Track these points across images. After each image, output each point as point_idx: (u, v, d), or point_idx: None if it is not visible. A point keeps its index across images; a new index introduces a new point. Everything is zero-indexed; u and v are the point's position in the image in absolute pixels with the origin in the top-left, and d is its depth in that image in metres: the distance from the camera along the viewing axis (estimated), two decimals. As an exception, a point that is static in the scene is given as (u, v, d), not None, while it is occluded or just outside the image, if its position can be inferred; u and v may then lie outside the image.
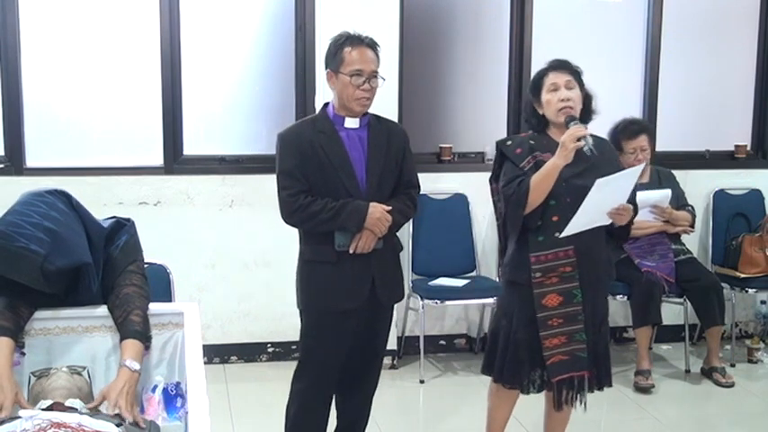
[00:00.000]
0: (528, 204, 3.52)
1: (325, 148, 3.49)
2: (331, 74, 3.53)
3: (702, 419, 4.89)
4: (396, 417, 4.88)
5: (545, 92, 3.64)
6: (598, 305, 3.71)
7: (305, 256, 3.63)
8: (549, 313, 3.59)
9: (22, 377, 2.94)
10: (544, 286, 3.59)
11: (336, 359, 3.63)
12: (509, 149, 3.67)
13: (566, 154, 3.47)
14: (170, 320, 3.12)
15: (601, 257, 3.69)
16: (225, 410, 4.72)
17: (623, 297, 5.37)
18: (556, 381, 3.64)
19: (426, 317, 5.39)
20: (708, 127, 6.23)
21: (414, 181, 3.72)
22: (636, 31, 6.01)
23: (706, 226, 6.05)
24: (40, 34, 5.23)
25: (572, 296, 3.59)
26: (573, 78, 3.66)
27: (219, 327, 5.45)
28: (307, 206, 3.47)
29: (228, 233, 5.39)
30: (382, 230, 3.51)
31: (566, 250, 3.57)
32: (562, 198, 3.54)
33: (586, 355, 3.63)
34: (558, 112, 3.58)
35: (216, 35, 5.44)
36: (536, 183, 3.51)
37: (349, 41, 3.51)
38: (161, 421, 2.87)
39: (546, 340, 3.60)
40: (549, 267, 3.58)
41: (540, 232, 3.59)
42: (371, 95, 3.53)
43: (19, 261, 2.76)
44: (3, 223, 2.80)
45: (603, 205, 3.53)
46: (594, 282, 3.65)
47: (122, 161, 5.36)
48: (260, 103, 5.51)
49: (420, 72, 5.75)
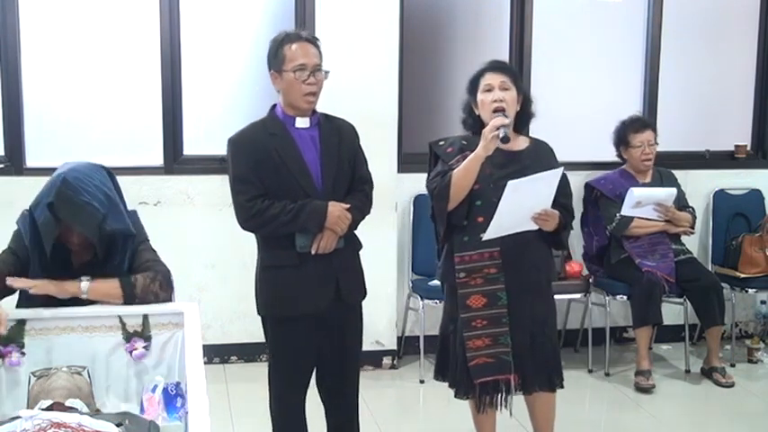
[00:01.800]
0: (450, 198, 3.53)
1: (279, 150, 3.45)
2: (275, 74, 3.50)
3: (702, 419, 4.89)
4: (396, 417, 4.88)
5: (480, 92, 3.68)
6: (538, 308, 3.69)
7: (264, 261, 3.57)
8: (472, 314, 3.60)
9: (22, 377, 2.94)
10: (468, 287, 3.60)
11: (306, 363, 3.60)
12: (440, 149, 3.73)
13: (485, 144, 3.49)
14: (170, 320, 3.12)
15: (532, 260, 3.66)
16: (225, 410, 4.72)
17: (623, 297, 5.37)
18: (478, 383, 3.63)
19: (426, 317, 5.39)
20: (708, 127, 6.24)
21: (367, 177, 3.67)
22: (636, 31, 6.01)
23: (706, 226, 6.05)
24: (40, 34, 5.23)
25: (497, 298, 3.60)
26: (509, 80, 3.66)
27: (219, 327, 5.45)
28: (265, 210, 3.42)
29: (228, 233, 5.35)
30: (343, 229, 3.47)
31: (491, 251, 3.58)
32: (489, 199, 3.54)
33: (511, 358, 3.61)
34: (492, 114, 3.59)
35: (216, 35, 5.44)
36: (458, 176, 3.53)
37: (288, 39, 3.48)
38: (161, 421, 2.87)
39: (469, 341, 3.60)
40: (474, 268, 3.59)
41: (465, 232, 3.60)
42: (317, 90, 3.49)
43: (82, 212, 3.00)
44: (69, 175, 3.04)
45: (524, 209, 3.52)
46: (524, 284, 3.63)
47: (122, 161, 5.34)
48: (260, 103, 5.49)
49: (420, 72, 5.75)
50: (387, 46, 5.34)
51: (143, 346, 3.10)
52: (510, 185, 3.42)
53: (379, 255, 5.26)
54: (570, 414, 3.95)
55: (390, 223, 5.39)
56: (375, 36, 5.30)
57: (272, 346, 3.63)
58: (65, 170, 3.08)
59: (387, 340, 5.51)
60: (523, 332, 3.64)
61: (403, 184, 5.50)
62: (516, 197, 3.44)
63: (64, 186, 2.99)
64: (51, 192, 3.00)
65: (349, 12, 5.23)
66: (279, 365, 3.62)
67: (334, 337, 3.59)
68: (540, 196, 3.54)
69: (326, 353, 3.60)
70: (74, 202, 2.98)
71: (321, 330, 3.55)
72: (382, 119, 5.29)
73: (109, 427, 2.54)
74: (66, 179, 3.01)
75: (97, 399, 2.97)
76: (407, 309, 5.63)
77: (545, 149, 3.79)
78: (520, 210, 3.50)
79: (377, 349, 5.43)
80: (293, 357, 3.58)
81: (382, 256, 5.37)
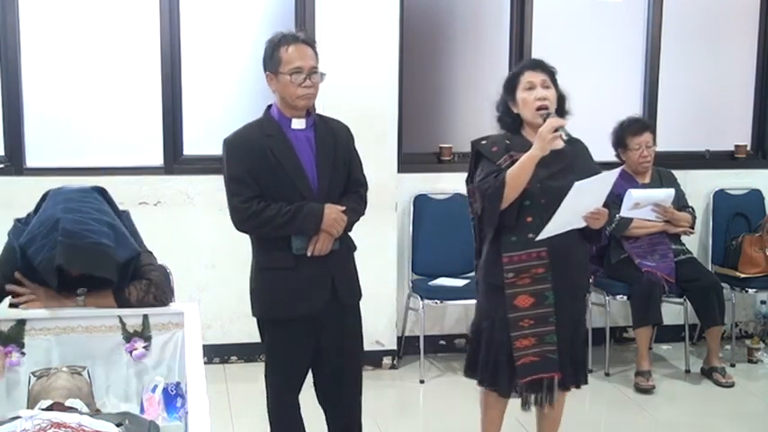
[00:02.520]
0: (504, 198, 3.51)
1: (275, 151, 3.44)
2: (271, 76, 3.49)
3: (702, 419, 4.89)
4: (396, 417, 4.88)
5: (520, 90, 3.64)
6: (575, 307, 3.71)
7: (260, 263, 3.57)
8: (520, 314, 3.59)
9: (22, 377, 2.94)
10: (516, 287, 3.59)
11: (301, 365, 3.60)
12: (485, 148, 3.68)
13: (542, 145, 3.46)
14: (170, 320, 3.13)
15: (576, 259, 3.68)
16: (225, 410, 4.72)
17: (623, 297, 5.37)
18: (525, 382, 3.63)
19: (426, 317, 5.39)
20: (708, 127, 6.23)
21: (361, 179, 3.67)
22: (636, 31, 6.01)
23: (706, 226, 6.05)
24: (40, 34, 5.22)
25: (544, 298, 3.59)
26: (548, 78, 3.65)
27: (219, 327, 5.44)
28: (260, 212, 3.42)
29: (228, 233, 5.29)
30: (339, 231, 3.47)
31: (539, 251, 3.57)
32: (537, 199, 3.54)
33: (557, 356, 3.62)
34: (536, 112, 3.57)
35: (216, 35, 5.44)
36: (512, 176, 3.50)
37: (285, 40, 3.46)
38: (161, 421, 2.87)
39: (516, 341, 3.60)
40: (522, 268, 3.57)
41: (513, 233, 3.58)
42: (313, 92, 3.48)
43: (95, 256, 2.88)
44: (67, 221, 2.88)
45: (580, 208, 3.52)
46: (569, 284, 3.64)
47: (122, 161, 5.36)
48: (259, 103, 5.48)
49: (420, 72, 5.74)
50: (387, 46, 5.34)
51: (143, 346, 3.10)
52: (576, 186, 3.41)
53: (378, 255, 5.27)
54: (570, 414, 3.95)
55: (390, 223, 5.39)
56: (375, 36, 5.30)
57: (268, 348, 3.63)
58: (59, 212, 2.91)
59: (387, 340, 5.51)
60: (567, 331, 3.66)
61: (403, 184, 5.50)
62: (577, 198, 3.45)
63: (67, 238, 2.84)
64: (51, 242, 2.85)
65: (349, 12, 5.23)
66: (274, 367, 3.62)
67: (332, 339, 3.58)
68: (596, 195, 3.56)
69: (324, 355, 3.60)
70: (82, 250, 2.86)
71: (317, 332, 3.55)
72: (382, 119, 5.29)
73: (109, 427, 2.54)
74: (66, 228, 2.86)
75: (97, 399, 2.98)
76: (407, 309, 5.63)
77: (581, 147, 3.79)
78: (577, 209, 3.52)
79: (377, 349, 5.43)
80: (289, 359, 3.58)
81: (382, 256, 5.37)
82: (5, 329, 2.97)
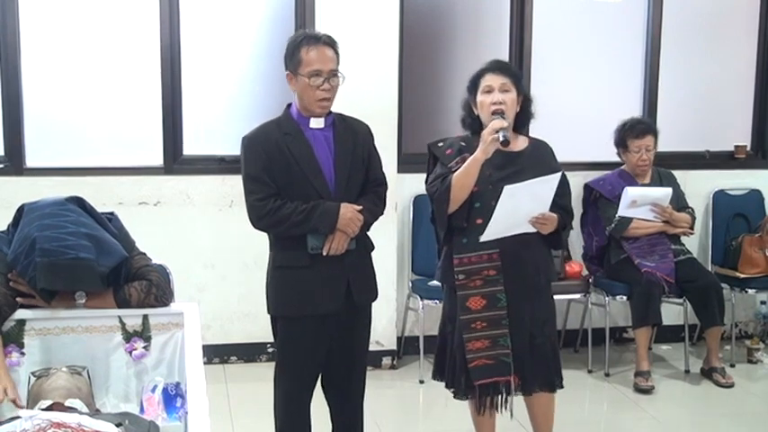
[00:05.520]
0: (451, 201, 3.53)
1: (293, 150, 3.44)
2: (290, 75, 3.48)
3: (702, 420, 4.89)
4: (395, 417, 4.88)
5: (480, 93, 3.66)
6: (537, 309, 3.69)
7: (276, 261, 3.57)
8: (472, 316, 3.59)
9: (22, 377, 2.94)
10: (467, 288, 3.60)
11: (313, 365, 3.60)
12: (440, 150, 3.72)
13: (484, 147, 3.48)
14: (170, 321, 3.13)
15: (532, 262, 3.66)
16: (224, 411, 4.72)
17: (623, 297, 5.37)
18: (478, 384, 3.63)
19: (426, 317, 5.39)
20: (708, 127, 6.23)
21: (381, 178, 3.68)
22: (636, 31, 6.01)
23: (706, 226, 6.05)
24: (40, 35, 5.22)
25: (496, 300, 3.59)
26: (510, 81, 3.65)
27: (219, 327, 5.45)
28: (277, 210, 3.42)
29: (228, 233, 5.38)
30: (355, 231, 3.47)
31: (490, 253, 3.57)
32: (487, 201, 3.54)
33: (511, 360, 3.61)
34: (491, 116, 3.58)
35: (216, 35, 5.44)
36: (458, 179, 3.52)
37: (306, 41, 3.45)
38: (161, 421, 2.87)
39: (469, 343, 3.60)
40: (473, 270, 3.58)
41: (464, 234, 3.60)
42: (332, 95, 3.48)
43: (76, 272, 2.85)
44: (42, 240, 2.84)
45: (522, 212, 3.51)
46: (524, 286, 3.63)
47: (122, 161, 5.36)
48: (260, 103, 5.51)
49: (420, 72, 5.75)
50: (387, 46, 5.34)
51: (143, 346, 3.10)
52: (506, 190, 3.42)
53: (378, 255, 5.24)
54: (570, 414, 3.95)
55: (390, 223, 5.39)
56: (375, 36, 5.30)
57: (281, 346, 3.62)
58: (35, 231, 2.86)
59: (386, 340, 5.51)
60: (523, 333, 3.63)
61: (403, 184, 5.51)
62: (513, 201, 3.44)
63: (44, 258, 2.81)
64: (25, 259, 2.83)
65: (349, 12, 5.23)
66: (287, 365, 3.61)
67: (343, 339, 3.59)
68: (538, 200, 3.54)
69: (335, 354, 3.61)
70: (61, 267, 2.83)
71: (330, 331, 3.55)
72: (382, 119, 5.28)
73: (109, 428, 2.54)
74: (43, 248, 2.82)
75: (97, 399, 2.98)
76: (407, 309, 5.63)
77: (545, 150, 3.78)
78: (517, 213, 3.50)
79: (377, 349, 5.43)
80: (302, 357, 3.57)
81: (382, 256, 5.33)
82: (5, 329, 2.97)
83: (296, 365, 3.59)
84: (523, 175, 3.53)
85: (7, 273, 3.00)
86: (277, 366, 3.65)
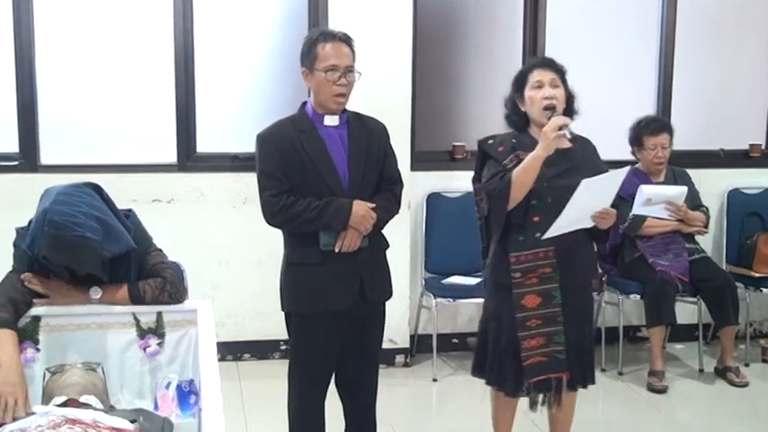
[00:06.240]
0: (510, 199, 3.50)
1: (306, 147, 3.45)
2: (306, 72, 3.50)
3: (716, 419, 4.87)
4: (408, 415, 4.88)
5: (529, 89, 3.63)
6: (581, 306, 3.69)
7: (289, 258, 3.59)
8: (527, 314, 3.58)
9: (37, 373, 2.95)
10: (523, 287, 3.58)
11: (326, 362, 3.60)
12: (491, 147, 3.67)
13: (547, 144, 3.45)
14: (184, 318, 3.14)
15: (582, 259, 3.67)
16: (238, 407, 4.73)
17: (637, 296, 5.36)
18: (532, 382, 3.63)
19: (439, 315, 5.39)
20: (722, 125, 6.20)
21: (396, 176, 3.68)
22: (650, 29, 5.99)
23: (720, 225, 6.02)
24: (54, 32, 5.24)
25: (551, 297, 3.58)
26: (558, 77, 3.63)
27: (233, 324, 5.45)
28: (290, 206, 3.43)
29: (242, 231, 5.39)
30: (367, 228, 3.47)
31: (546, 251, 3.56)
32: (543, 198, 3.53)
33: (565, 356, 3.61)
34: (542, 111, 3.56)
35: (229, 33, 5.45)
36: (518, 176, 3.49)
37: (322, 37, 3.47)
38: (175, 418, 2.88)
39: (524, 341, 3.59)
40: (529, 268, 3.57)
41: (520, 232, 3.58)
42: (348, 91, 3.49)
43: (79, 249, 2.85)
44: (54, 213, 2.85)
45: (587, 207, 3.51)
46: (576, 283, 3.63)
47: (136, 158, 5.37)
48: (273, 101, 5.51)
49: (433, 70, 5.74)
50: (400, 43, 5.33)
51: (157, 343, 3.11)
52: (583, 184, 3.41)
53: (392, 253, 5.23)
54: (583, 413, 3.94)
55: (403, 221, 5.37)
56: (388, 34, 5.30)
57: (295, 343, 3.62)
58: (48, 205, 2.89)
59: (400, 338, 5.51)
60: (574, 330, 3.65)
61: (416, 183, 5.50)
62: (585, 196, 3.44)
63: (52, 229, 2.82)
64: (40, 235, 2.85)
65: (362, 10, 5.22)
66: (300, 362, 3.62)
67: (356, 336, 3.60)
68: (604, 194, 3.56)
69: (348, 351, 3.61)
70: (66, 242, 2.83)
71: (343, 329, 3.55)
72: (395, 117, 5.26)
73: (123, 424, 2.55)
74: (53, 219, 2.83)
75: (111, 395, 2.98)
76: (420, 307, 5.63)
77: (589, 146, 3.78)
78: (584, 208, 3.50)
79: (390, 347, 5.42)
80: (314, 355, 3.58)
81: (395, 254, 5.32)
82: (21, 325, 2.98)
83: (309, 362, 3.59)
84: (577, 171, 3.53)
85: (25, 271, 3.02)
86: (290, 364, 3.66)
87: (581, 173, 3.51)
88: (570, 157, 3.58)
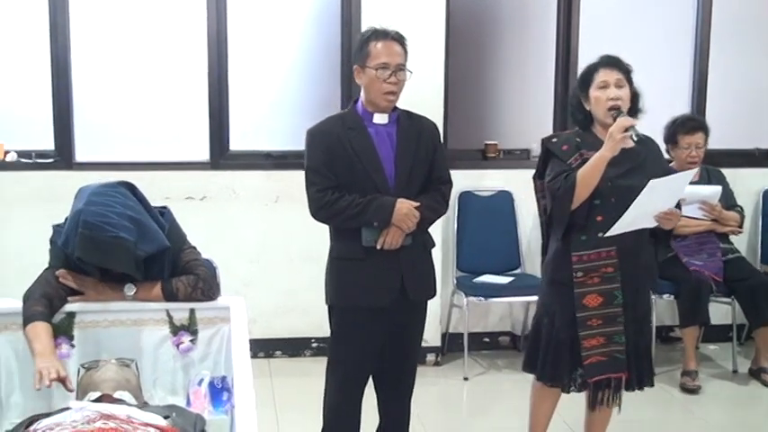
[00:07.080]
0: (575, 199, 3.49)
1: (354, 145, 3.47)
2: (358, 69, 3.51)
3: (749, 421, 4.84)
4: (439, 414, 4.88)
5: (594, 88, 3.60)
6: (640, 306, 3.67)
7: (334, 252, 3.61)
8: (588, 313, 3.57)
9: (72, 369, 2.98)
10: (585, 286, 3.57)
11: (365, 358, 3.61)
12: (555, 146, 3.64)
13: (613, 145, 3.43)
14: (216, 315, 3.16)
15: (643, 259, 3.66)
16: (270, 405, 4.75)
17: (670, 296, 5.32)
18: (592, 381, 3.62)
19: (470, 314, 5.38)
20: (757, 125, 6.15)
21: (445, 177, 3.68)
22: (685, 27, 5.95)
23: (755, 225, 5.97)
24: (89, 32, 5.28)
25: (613, 297, 3.57)
26: (623, 77, 3.61)
27: (264, 321, 5.47)
28: (334, 202, 3.45)
29: (274, 228, 5.41)
30: (410, 226, 3.47)
31: (608, 251, 3.54)
32: (607, 198, 3.51)
33: (625, 356, 3.60)
34: (607, 112, 3.54)
35: (262, 31, 5.47)
36: (582, 176, 3.47)
37: (375, 36, 3.49)
38: (207, 414, 2.90)
39: (584, 340, 3.58)
40: (591, 267, 3.55)
41: (583, 231, 3.56)
42: (398, 89, 3.50)
43: (113, 250, 2.88)
44: (88, 214, 2.88)
45: (652, 207, 3.49)
46: (636, 283, 3.62)
47: (169, 156, 5.40)
48: (306, 99, 5.53)
49: (465, 68, 5.73)
50: (432, 43, 5.33)
51: (189, 339, 3.14)
52: (651, 184, 3.39)
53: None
54: (615, 414, 3.92)
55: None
56: (421, 33, 5.27)
57: (336, 336, 3.64)
58: (82, 205, 2.93)
59: (431, 337, 5.50)
60: (634, 331, 3.63)
61: (448, 181, 5.49)
62: (651, 196, 3.42)
63: (86, 230, 2.86)
64: (74, 236, 2.89)
65: (395, 9, 5.22)
66: (339, 357, 3.64)
67: (396, 335, 3.61)
68: (670, 195, 3.54)
69: (388, 350, 3.62)
70: (100, 242, 2.87)
71: (384, 327, 3.56)
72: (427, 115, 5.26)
73: (157, 420, 2.57)
74: (87, 220, 2.87)
75: (144, 391, 3.01)
76: (452, 306, 5.62)
77: (653, 145, 3.75)
78: (648, 208, 3.48)
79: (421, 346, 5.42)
80: (353, 349, 3.59)
81: (427, 252, 5.36)
82: (55, 321, 3.01)
83: (347, 357, 3.61)
84: (639, 171, 3.51)
85: (60, 267, 3.05)
86: (329, 359, 3.68)
87: (644, 173, 3.49)
88: (634, 157, 3.55)
